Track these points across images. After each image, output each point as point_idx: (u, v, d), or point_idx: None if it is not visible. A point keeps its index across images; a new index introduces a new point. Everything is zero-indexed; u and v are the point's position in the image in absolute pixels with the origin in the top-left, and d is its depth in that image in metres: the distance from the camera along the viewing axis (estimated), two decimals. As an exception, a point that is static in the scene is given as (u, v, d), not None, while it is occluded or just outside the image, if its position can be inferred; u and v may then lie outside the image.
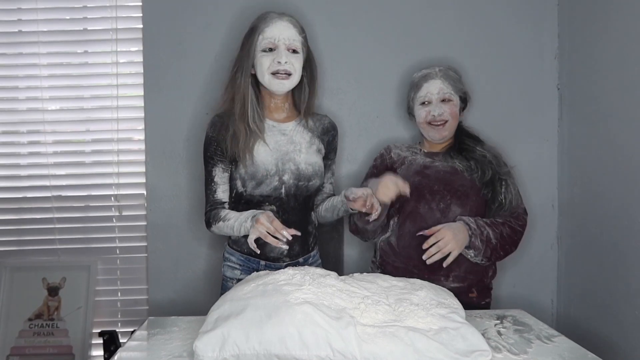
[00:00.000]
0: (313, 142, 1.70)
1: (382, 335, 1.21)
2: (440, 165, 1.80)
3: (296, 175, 1.64)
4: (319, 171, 1.69)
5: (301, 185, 1.65)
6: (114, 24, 2.17)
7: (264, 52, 1.60)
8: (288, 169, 1.63)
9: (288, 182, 1.63)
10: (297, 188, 1.65)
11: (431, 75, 1.81)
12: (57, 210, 2.22)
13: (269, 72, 1.60)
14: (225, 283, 1.72)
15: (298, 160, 1.65)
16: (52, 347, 2.16)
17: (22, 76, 2.20)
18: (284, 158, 1.64)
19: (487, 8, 2.14)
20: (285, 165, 1.64)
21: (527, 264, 2.17)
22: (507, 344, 1.38)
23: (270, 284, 1.35)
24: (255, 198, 1.64)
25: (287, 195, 1.65)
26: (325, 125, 1.76)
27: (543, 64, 2.15)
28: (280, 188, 1.63)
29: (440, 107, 1.79)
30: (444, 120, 1.79)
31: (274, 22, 1.59)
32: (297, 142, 1.67)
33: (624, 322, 1.74)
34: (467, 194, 1.74)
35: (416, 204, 1.74)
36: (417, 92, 1.83)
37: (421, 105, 1.82)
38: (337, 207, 1.70)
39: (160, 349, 1.36)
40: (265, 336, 1.21)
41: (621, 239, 1.75)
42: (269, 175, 1.61)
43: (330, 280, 1.39)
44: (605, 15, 1.84)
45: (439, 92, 1.79)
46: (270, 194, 1.63)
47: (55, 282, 2.21)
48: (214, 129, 1.65)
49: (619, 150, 1.76)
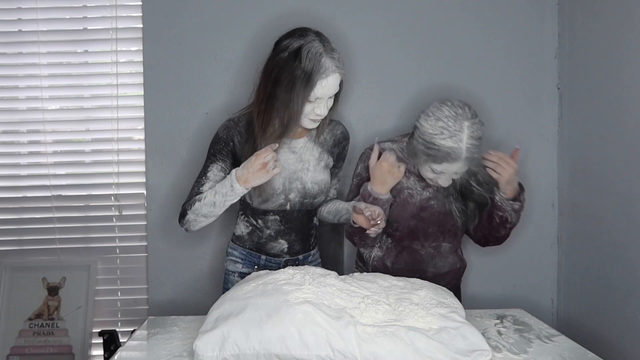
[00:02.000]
0: (322, 158, 1.69)
1: (382, 335, 1.21)
2: (436, 206, 1.71)
3: (302, 194, 1.65)
4: (324, 188, 1.69)
5: (306, 202, 1.67)
6: (114, 24, 2.16)
7: (309, 102, 1.53)
8: (294, 187, 1.64)
9: (294, 200, 1.65)
10: (302, 205, 1.68)
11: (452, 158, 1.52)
12: (57, 210, 2.22)
13: (307, 118, 1.56)
14: (227, 277, 1.75)
15: (305, 179, 1.65)
16: (52, 346, 2.16)
17: (22, 76, 2.20)
18: (292, 177, 1.64)
19: (487, 8, 2.14)
20: (292, 184, 1.64)
21: (527, 264, 2.17)
22: (507, 343, 1.38)
23: (270, 284, 1.35)
24: (261, 209, 1.67)
25: (291, 210, 1.68)
26: (337, 136, 1.74)
27: (543, 64, 2.15)
28: (285, 205, 1.66)
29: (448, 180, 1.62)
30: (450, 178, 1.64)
31: (328, 77, 1.49)
32: (306, 160, 1.66)
33: (624, 322, 1.74)
34: (456, 229, 1.75)
35: (410, 242, 1.73)
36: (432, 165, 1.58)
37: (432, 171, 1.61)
38: (340, 213, 1.70)
39: (160, 349, 1.36)
40: (265, 336, 1.21)
41: (621, 238, 1.75)
42: (275, 194, 1.62)
43: (330, 279, 1.39)
44: (606, 15, 1.84)
45: (456, 173, 1.58)
46: (275, 209, 1.66)
47: (55, 282, 2.21)
48: (227, 132, 1.62)
49: (619, 150, 1.76)
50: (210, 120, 2.08)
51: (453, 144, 1.50)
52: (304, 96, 1.50)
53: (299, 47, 1.49)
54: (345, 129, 1.78)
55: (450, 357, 1.19)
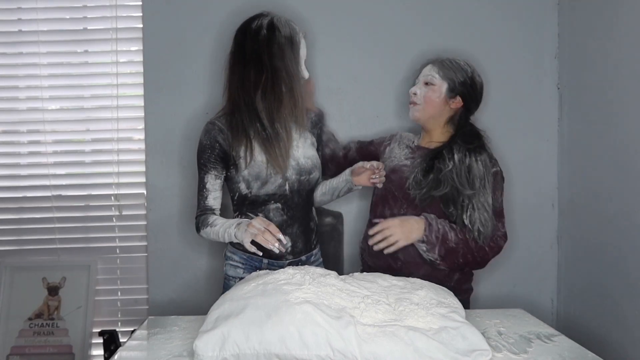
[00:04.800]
0: (306, 137, 1.73)
1: (382, 335, 1.21)
2: (407, 172, 1.74)
3: (297, 170, 1.66)
4: (317, 163, 1.72)
5: (303, 179, 1.68)
6: (114, 24, 2.17)
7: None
8: (289, 165, 1.65)
9: (291, 178, 1.65)
10: (299, 183, 1.67)
11: (430, 60, 1.80)
12: (57, 210, 2.22)
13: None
14: (227, 282, 1.71)
15: (297, 155, 1.67)
16: (52, 346, 2.16)
17: (22, 76, 2.20)
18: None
19: (487, 8, 2.14)
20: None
21: (527, 264, 2.17)
22: (507, 343, 1.38)
23: (270, 284, 1.35)
24: (261, 198, 1.65)
25: (291, 192, 1.67)
26: (312, 118, 1.79)
27: (543, 64, 2.15)
28: (284, 185, 1.65)
29: (420, 88, 1.76)
30: (414, 102, 1.76)
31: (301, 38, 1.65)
32: (294, 139, 1.70)
33: (624, 322, 1.74)
34: (423, 206, 1.68)
35: (382, 208, 1.77)
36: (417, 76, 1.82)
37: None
38: (338, 187, 1.78)
39: (160, 349, 1.36)
40: (265, 336, 1.21)
41: (621, 238, 1.75)
42: (273, 174, 1.62)
43: (330, 279, 1.39)
44: (605, 15, 1.84)
45: (425, 75, 1.76)
46: (275, 191, 1.65)
47: (55, 282, 2.21)
48: (208, 136, 1.64)
49: (619, 149, 1.76)
50: (210, 120, 2.08)
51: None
52: (297, 58, 1.63)
53: (270, 21, 1.60)
54: (318, 110, 1.84)
55: (451, 357, 1.19)
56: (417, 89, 1.77)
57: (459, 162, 1.66)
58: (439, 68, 1.74)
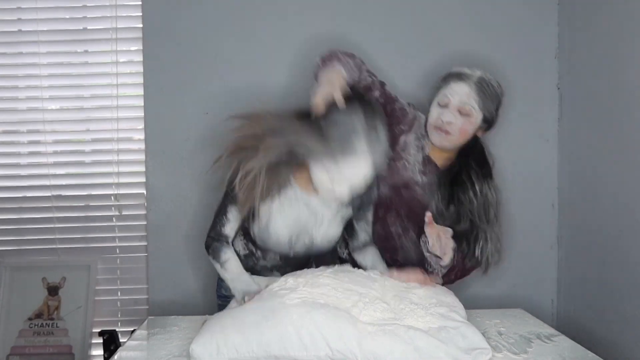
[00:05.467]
0: (340, 210, 1.54)
1: (382, 334, 1.21)
2: (419, 194, 1.63)
3: (309, 248, 1.55)
4: (334, 243, 1.58)
5: (312, 254, 1.59)
6: (114, 24, 2.16)
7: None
8: (302, 241, 1.53)
9: (298, 251, 1.55)
10: (306, 255, 1.59)
11: (465, 77, 1.56)
12: (57, 210, 2.21)
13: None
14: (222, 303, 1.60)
15: (315, 234, 1.52)
16: (52, 346, 2.16)
17: (22, 76, 2.20)
18: (301, 232, 1.51)
19: (487, 8, 2.14)
20: (300, 238, 1.52)
21: (527, 264, 2.17)
22: (507, 343, 1.38)
23: (265, 292, 1.36)
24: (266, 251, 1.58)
25: (295, 258, 1.58)
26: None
27: (543, 64, 2.15)
28: (289, 253, 1.56)
29: (454, 116, 1.55)
30: (447, 131, 1.57)
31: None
32: (320, 214, 1.51)
33: (624, 322, 1.74)
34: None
35: (385, 213, 1.66)
36: (442, 89, 1.59)
37: (438, 105, 1.59)
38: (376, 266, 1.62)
39: (160, 349, 1.36)
40: (264, 338, 1.21)
41: (621, 238, 1.75)
42: (280, 245, 1.53)
43: (324, 279, 1.37)
44: (605, 15, 1.84)
45: (462, 102, 1.55)
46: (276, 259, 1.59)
47: (55, 282, 2.21)
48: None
49: (619, 150, 1.76)
50: (210, 120, 2.08)
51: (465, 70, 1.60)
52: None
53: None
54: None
55: (451, 356, 1.19)
56: (452, 118, 1.55)
57: (480, 194, 1.57)
58: (477, 95, 1.54)
